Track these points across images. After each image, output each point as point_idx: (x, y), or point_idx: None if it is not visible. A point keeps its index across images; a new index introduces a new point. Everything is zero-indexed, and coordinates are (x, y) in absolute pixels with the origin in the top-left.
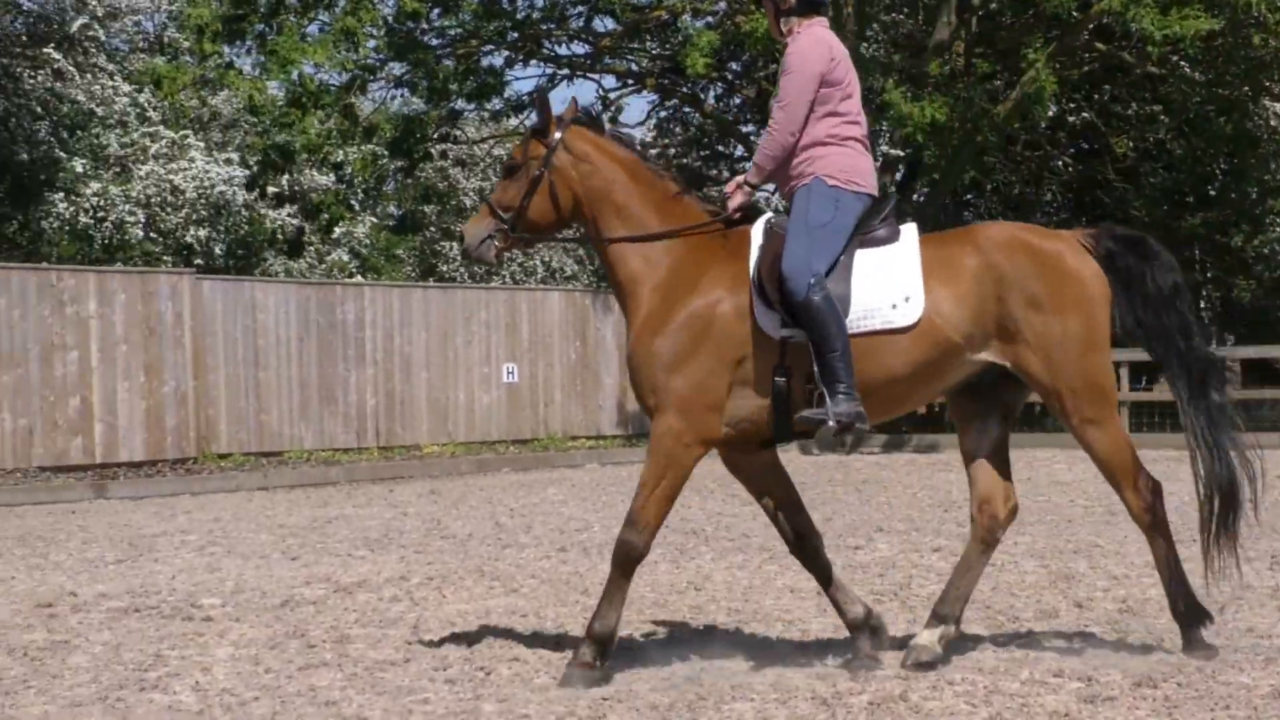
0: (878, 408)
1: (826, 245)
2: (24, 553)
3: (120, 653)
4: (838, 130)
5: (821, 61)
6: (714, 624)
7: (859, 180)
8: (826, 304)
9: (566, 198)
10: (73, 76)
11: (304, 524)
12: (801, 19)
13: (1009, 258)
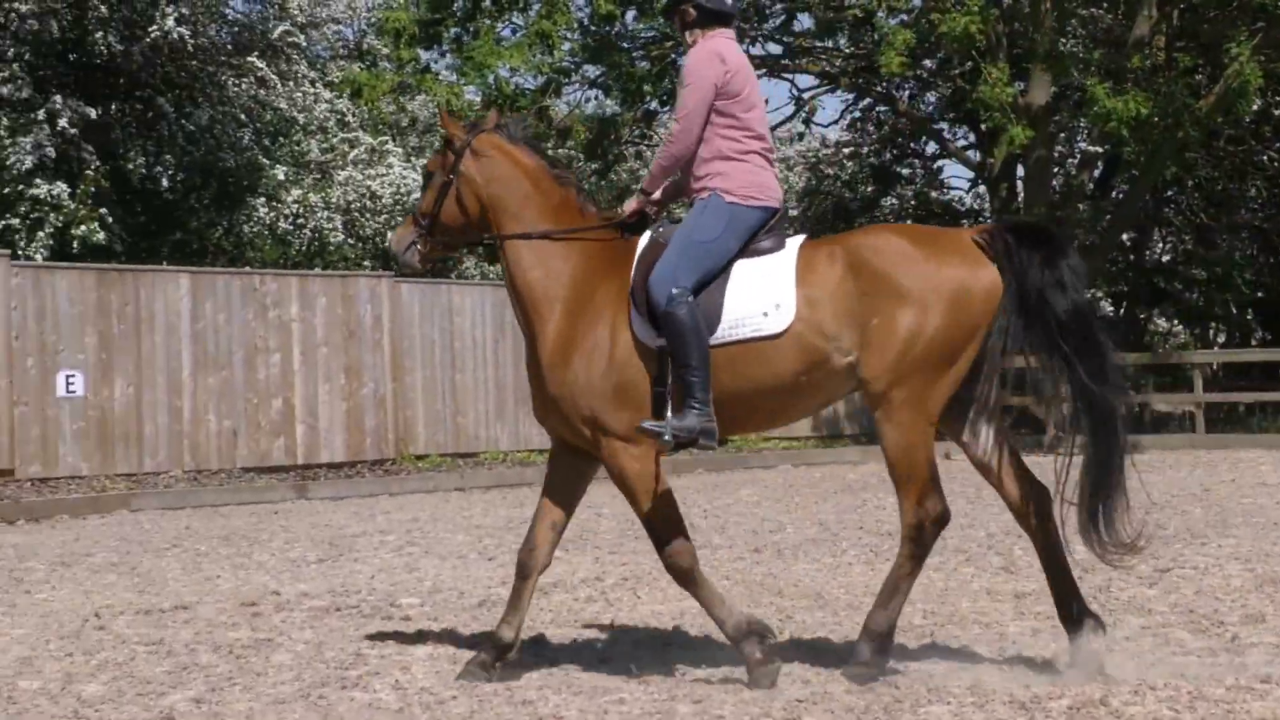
0: (753, 420)
1: (701, 261)
2: (229, 552)
3: (322, 651)
4: (740, 144)
5: (714, 73)
6: (909, 625)
7: (757, 195)
8: (688, 318)
9: (473, 203)
10: (275, 84)
11: (500, 524)
12: (703, 30)
13: (876, 258)
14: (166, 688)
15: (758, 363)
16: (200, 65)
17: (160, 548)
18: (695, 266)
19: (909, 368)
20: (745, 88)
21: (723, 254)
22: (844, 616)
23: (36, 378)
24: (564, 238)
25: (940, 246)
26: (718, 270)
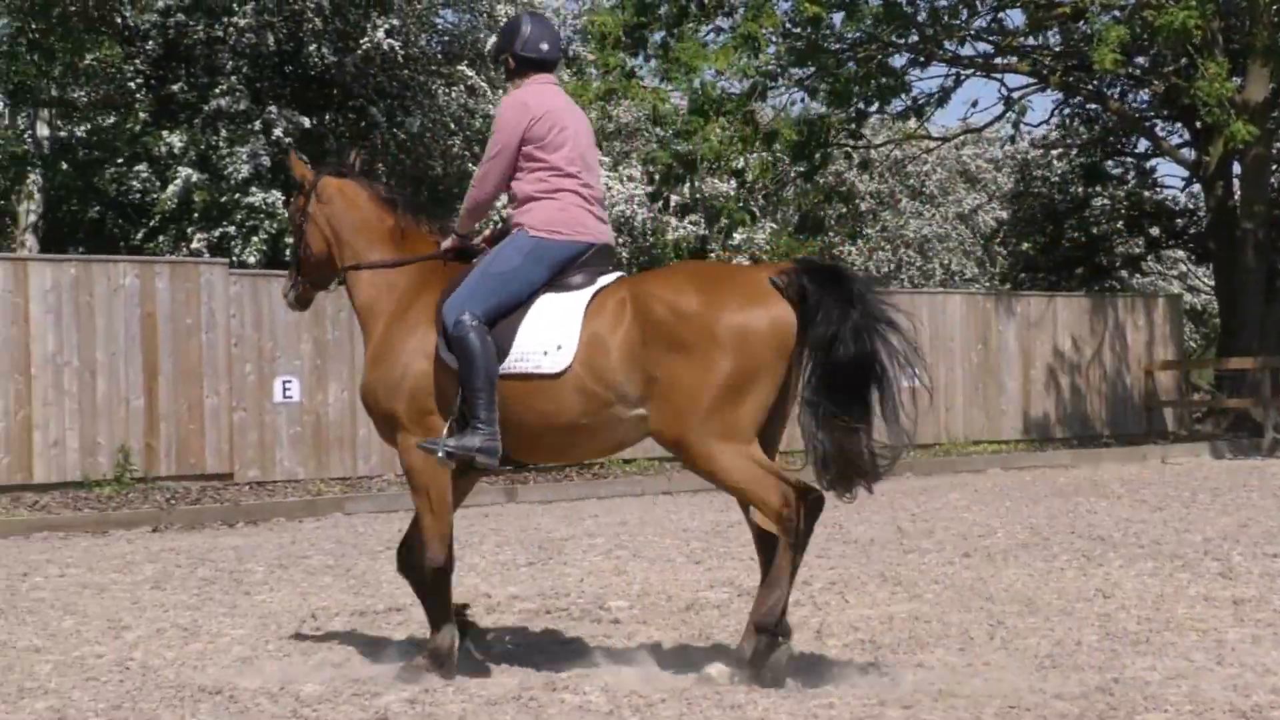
0: (541, 450)
1: (495, 291)
2: None
3: (532, 653)
4: (547, 183)
5: (518, 122)
6: (1124, 631)
7: (562, 230)
8: (473, 344)
9: (320, 241)
10: (485, 92)
11: (707, 528)
12: (521, 79)
13: (658, 307)
14: (381, 688)
15: (539, 398)
16: (411, 75)
17: (374, 550)
18: (488, 296)
19: (699, 418)
20: (551, 132)
21: (523, 285)
22: (1056, 622)
23: (254, 384)
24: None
25: (722, 291)
26: (518, 301)
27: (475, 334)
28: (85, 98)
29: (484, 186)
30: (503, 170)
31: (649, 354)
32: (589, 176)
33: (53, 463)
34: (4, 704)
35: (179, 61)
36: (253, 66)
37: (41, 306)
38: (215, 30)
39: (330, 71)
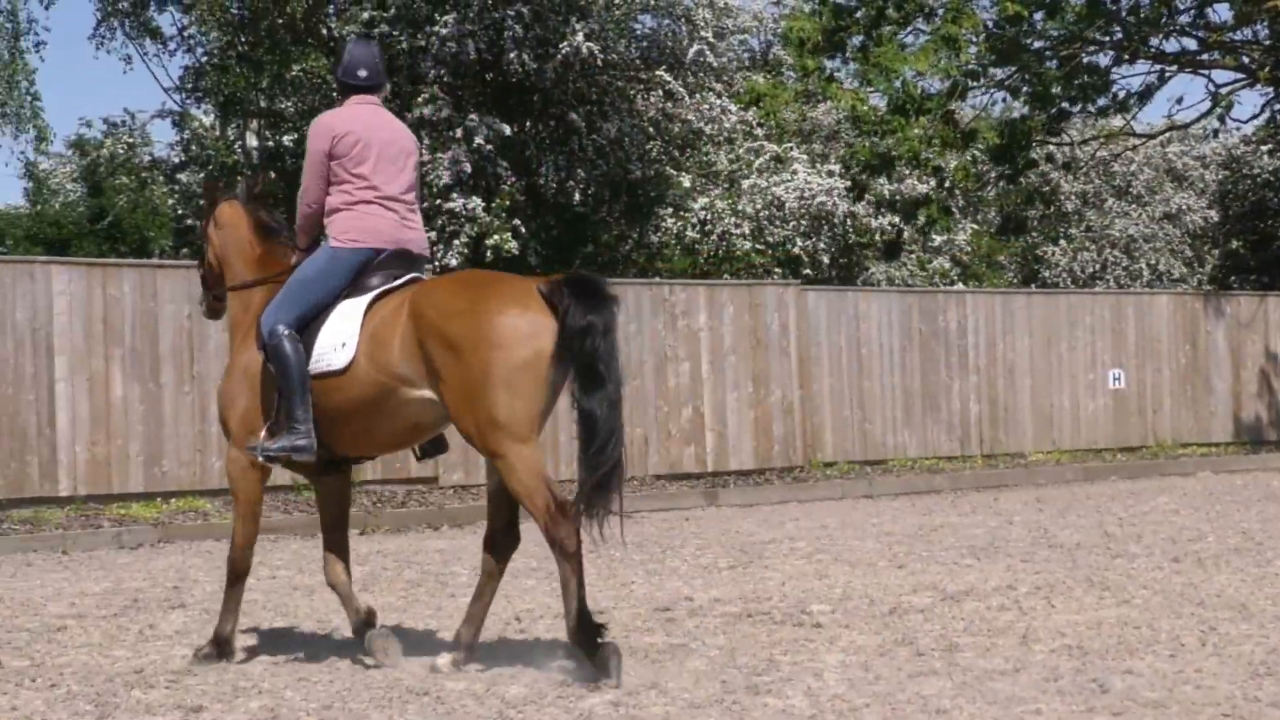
0: (349, 440)
1: (302, 298)
2: (642, 558)
3: (735, 657)
4: (351, 195)
5: (322, 141)
6: None
7: (357, 238)
8: (285, 351)
9: (214, 261)
10: (683, 97)
11: (909, 532)
12: (343, 100)
13: (431, 310)
14: (585, 690)
15: (335, 392)
16: (610, 80)
17: None
18: (296, 303)
19: (481, 409)
20: (355, 148)
21: (323, 291)
22: (1271, 628)
23: None
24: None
25: (485, 295)
26: (322, 306)
27: (287, 341)
28: (292, 108)
29: (303, 202)
30: (314, 185)
31: (426, 350)
32: (392, 188)
33: None
34: (220, 703)
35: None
36: (454, 74)
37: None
38: (417, 40)
39: (530, 78)
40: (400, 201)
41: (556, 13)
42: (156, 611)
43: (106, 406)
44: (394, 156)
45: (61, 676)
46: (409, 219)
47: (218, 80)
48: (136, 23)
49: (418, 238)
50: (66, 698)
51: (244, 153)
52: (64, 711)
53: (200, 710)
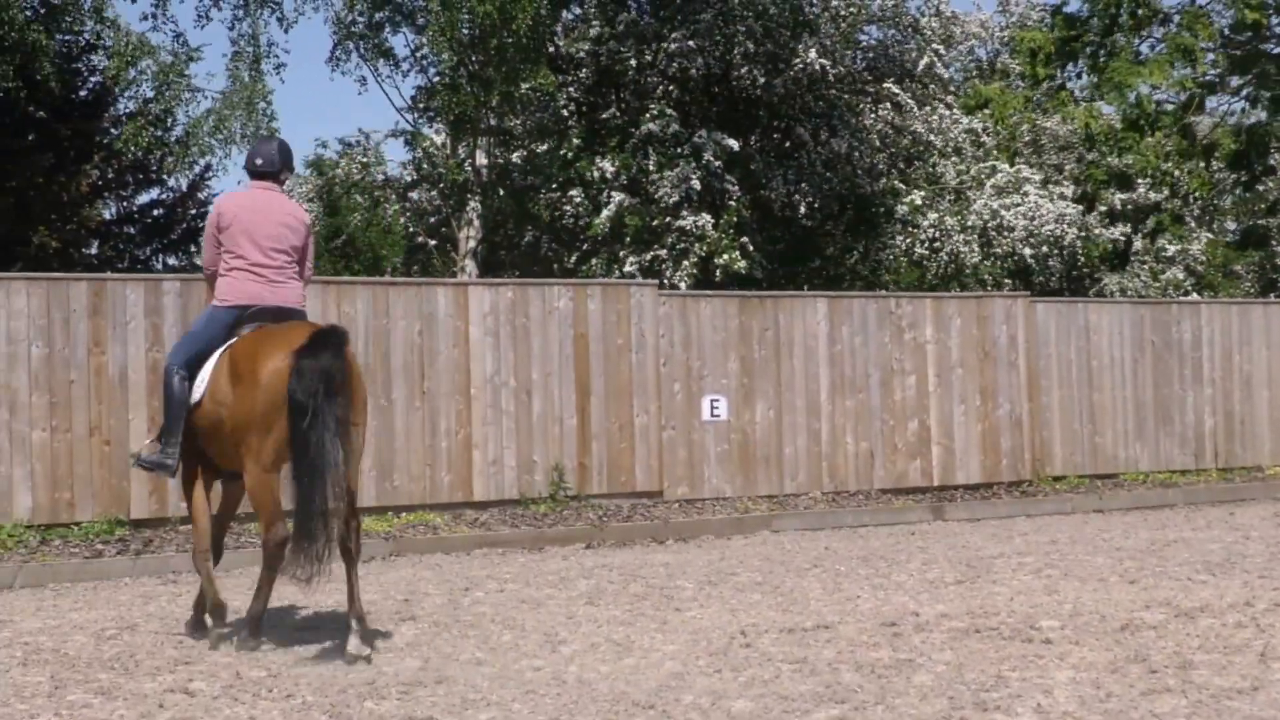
0: (222, 457)
1: (190, 345)
2: (867, 572)
3: (962, 672)
4: (226, 264)
5: (212, 221)
6: None
7: (226, 298)
8: (172, 384)
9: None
10: (911, 109)
11: (1141, 547)
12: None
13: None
14: (811, 705)
15: (198, 420)
16: (837, 94)
17: (801, 567)
18: (186, 348)
19: (243, 433)
20: (233, 226)
21: (205, 340)
22: None
23: (683, 402)
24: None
25: (262, 347)
26: (207, 352)
27: (175, 378)
28: (521, 126)
29: (204, 267)
30: (208, 254)
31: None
32: (259, 256)
33: (491, 481)
34: (450, 714)
35: (610, 87)
36: (682, 90)
37: (480, 329)
38: (645, 56)
39: (758, 93)
40: (268, 268)
41: (786, 28)
42: (389, 624)
43: None
44: (267, 233)
45: (297, 687)
46: (277, 281)
47: (448, 99)
48: (371, 45)
49: (287, 295)
50: (302, 708)
51: (474, 171)
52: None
53: None
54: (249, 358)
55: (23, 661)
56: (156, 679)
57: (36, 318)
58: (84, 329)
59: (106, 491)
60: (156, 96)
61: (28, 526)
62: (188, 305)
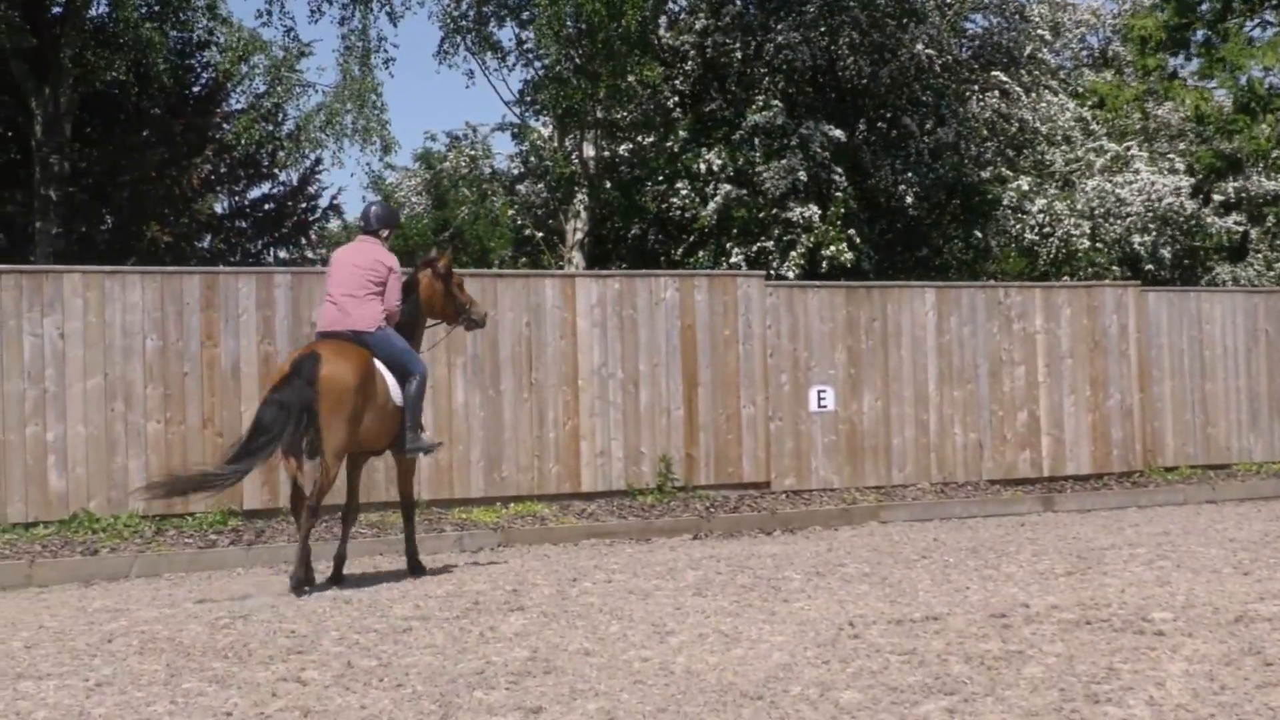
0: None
1: None
2: (976, 564)
3: (1073, 664)
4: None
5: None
6: None
7: (318, 323)
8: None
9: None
10: (1019, 96)
11: (1255, 538)
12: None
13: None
14: (920, 696)
15: None
16: (945, 83)
17: (910, 559)
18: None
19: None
20: (331, 269)
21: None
22: None
23: (790, 393)
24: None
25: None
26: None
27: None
28: (627, 118)
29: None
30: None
31: None
32: (339, 290)
33: (599, 471)
34: (559, 704)
35: (716, 79)
36: (788, 81)
37: (588, 320)
38: (750, 48)
39: (865, 83)
40: (351, 297)
41: (892, 18)
42: (497, 614)
43: (449, 413)
44: (352, 273)
45: (407, 676)
46: (344, 307)
47: (555, 92)
48: (478, 38)
49: (359, 322)
50: (412, 697)
51: (580, 163)
52: (410, 711)
53: (539, 711)
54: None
55: (139, 650)
56: (269, 668)
57: (151, 311)
58: (197, 322)
59: None
60: (268, 91)
61: (143, 517)
62: (298, 298)
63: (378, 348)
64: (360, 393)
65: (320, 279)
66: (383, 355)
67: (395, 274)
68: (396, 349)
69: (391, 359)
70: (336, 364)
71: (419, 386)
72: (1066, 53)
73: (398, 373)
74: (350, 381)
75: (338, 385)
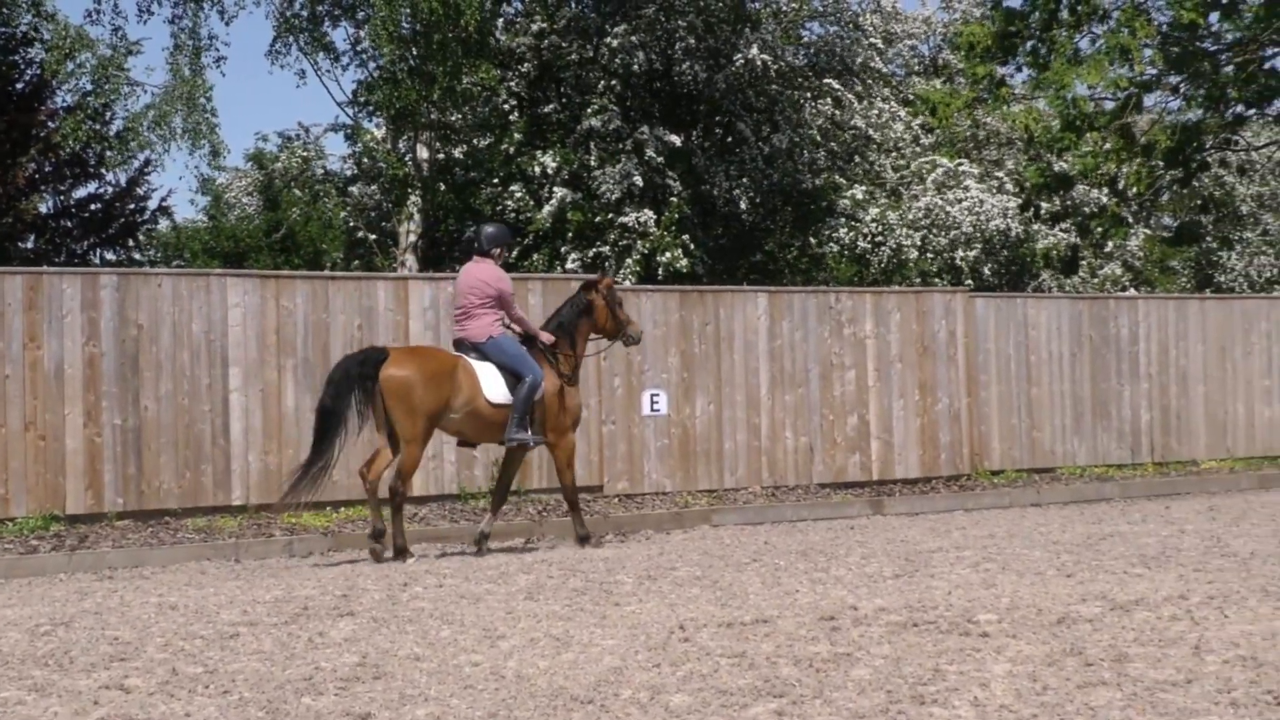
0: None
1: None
2: (806, 567)
3: (900, 666)
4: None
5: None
6: None
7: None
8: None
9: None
10: (851, 104)
11: (1078, 540)
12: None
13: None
14: (749, 699)
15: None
16: (779, 89)
17: (741, 562)
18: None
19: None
20: (456, 285)
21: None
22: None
23: (623, 397)
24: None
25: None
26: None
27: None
28: (462, 121)
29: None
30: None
31: None
32: (457, 306)
33: (431, 475)
34: (388, 710)
35: (552, 82)
36: (624, 85)
37: (421, 323)
38: (587, 51)
39: (700, 89)
40: (465, 314)
41: (728, 24)
42: (326, 619)
43: (279, 417)
44: (463, 292)
45: (234, 683)
46: (463, 322)
47: (389, 93)
48: (311, 38)
49: (472, 333)
50: (239, 704)
51: (414, 165)
52: (236, 718)
53: (368, 717)
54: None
55: None
56: (91, 675)
57: None
58: (19, 323)
59: (42, 487)
60: (95, 90)
61: None
62: (125, 299)
63: (492, 354)
64: (426, 390)
65: (147, 280)
66: (496, 361)
67: (504, 291)
68: (509, 355)
69: (505, 364)
70: (401, 365)
71: (529, 388)
72: (899, 61)
73: (511, 375)
74: (411, 380)
75: (395, 383)
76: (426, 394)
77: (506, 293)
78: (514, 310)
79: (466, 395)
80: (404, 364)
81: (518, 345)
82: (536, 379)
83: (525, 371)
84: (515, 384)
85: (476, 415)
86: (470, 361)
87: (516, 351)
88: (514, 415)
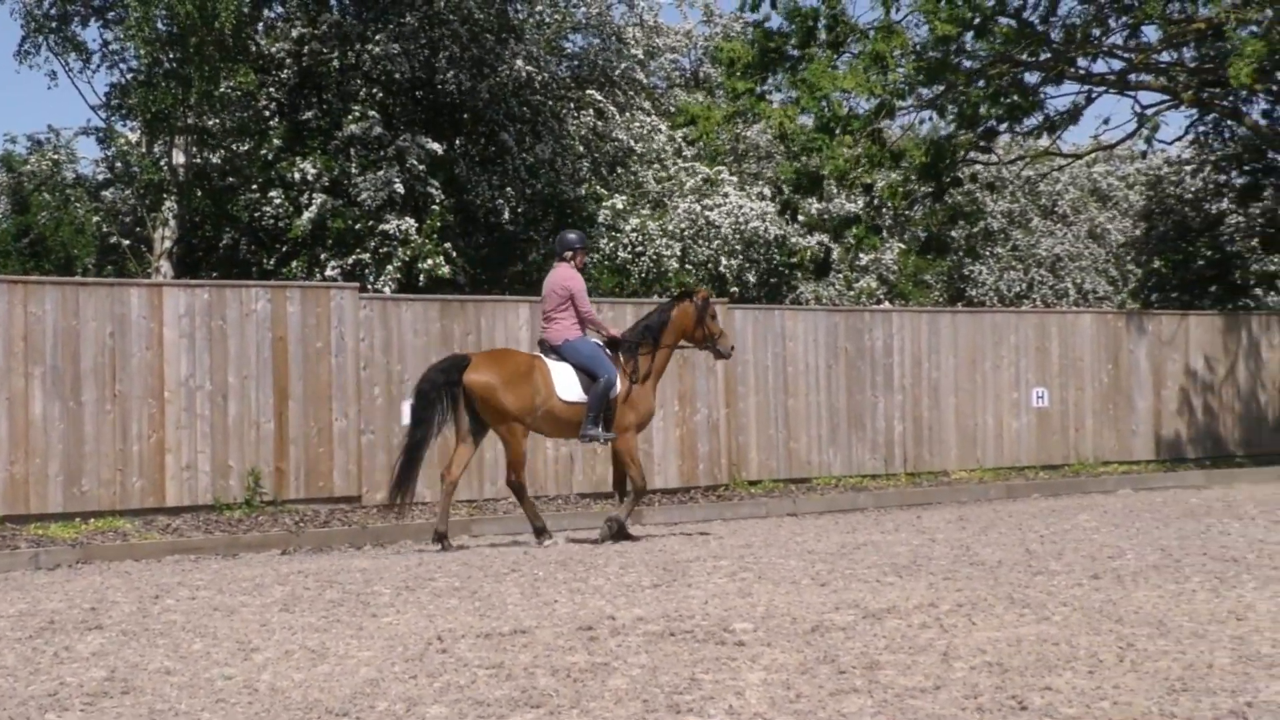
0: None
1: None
2: (565, 577)
3: (657, 675)
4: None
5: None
6: (1257, 654)
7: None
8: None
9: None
10: (613, 116)
11: (833, 550)
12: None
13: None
14: (506, 710)
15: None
16: (542, 100)
17: (500, 572)
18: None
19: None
20: (544, 291)
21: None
22: (1188, 645)
23: (383, 406)
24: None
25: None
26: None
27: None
28: (220, 125)
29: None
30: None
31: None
32: (542, 311)
33: (184, 486)
34: None
35: (313, 88)
36: (386, 93)
37: (175, 331)
38: (349, 58)
39: (464, 97)
40: (546, 318)
41: (491, 33)
42: (73, 633)
43: (26, 424)
44: (546, 296)
45: None
46: (546, 325)
47: (144, 96)
48: (61, 38)
49: (551, 336)
50: None
51: (170, 170)
52: None
53: None
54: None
55: None
56: None
57: None
58: None
59: None
60: None
61: None
62: None
63: (568, 355)
64: (507, 391)
65: None
66: (573, 361)
67: (575, 291)
68: (583, 356)
69: (580, 365)
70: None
71: (602, 388)
72: (660, 74)
73: (586, 375)
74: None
75: (478, 388)
76: (508, 395)
77: (577, 291)
78: (584, 306)
79: (543, 395)
80: (483, 369)
81: (593, 346)
82: (610, 379)
83: (600, 372)
84: (590, 384)
85: (552, 413)
86: (547, 362)
87: (591, 352)
88: (589, 413)
